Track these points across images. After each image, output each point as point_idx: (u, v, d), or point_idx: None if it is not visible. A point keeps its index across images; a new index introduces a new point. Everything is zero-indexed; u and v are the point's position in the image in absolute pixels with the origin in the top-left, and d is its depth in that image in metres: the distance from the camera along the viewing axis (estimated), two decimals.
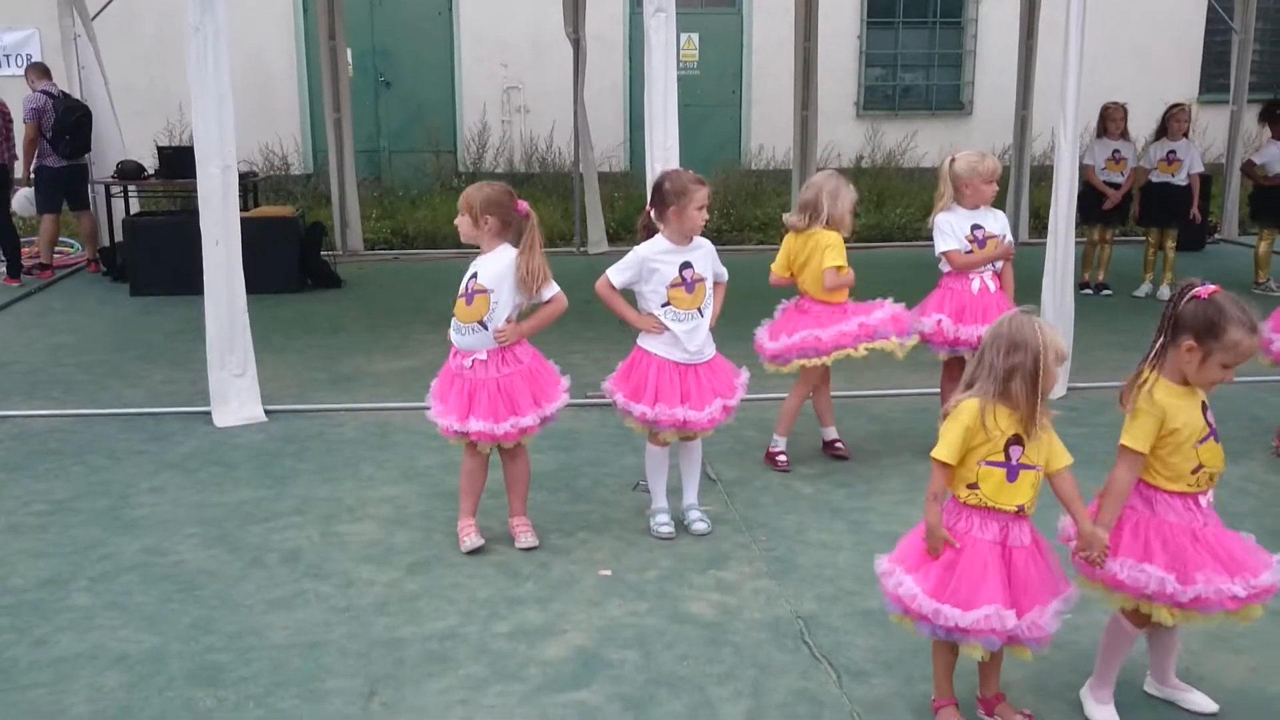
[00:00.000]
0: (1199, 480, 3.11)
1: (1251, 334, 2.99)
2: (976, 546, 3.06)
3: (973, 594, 3.01)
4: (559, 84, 12.95)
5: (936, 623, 3.04)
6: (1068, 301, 6.50)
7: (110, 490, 5.11)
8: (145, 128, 12.97)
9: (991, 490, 3.05)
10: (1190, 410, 3.08)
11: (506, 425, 4.32)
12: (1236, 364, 3.02)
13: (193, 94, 5.80)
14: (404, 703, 3.40)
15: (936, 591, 3.04)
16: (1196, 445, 3.08)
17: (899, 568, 3.15)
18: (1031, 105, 11.71)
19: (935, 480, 3.08)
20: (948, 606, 3.02)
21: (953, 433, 3.04)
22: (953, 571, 3.05)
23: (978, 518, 3.08)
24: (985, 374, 3.04)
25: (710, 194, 4.50)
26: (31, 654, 3.68)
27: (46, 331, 8.26)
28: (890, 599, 3.16)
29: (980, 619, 2.99)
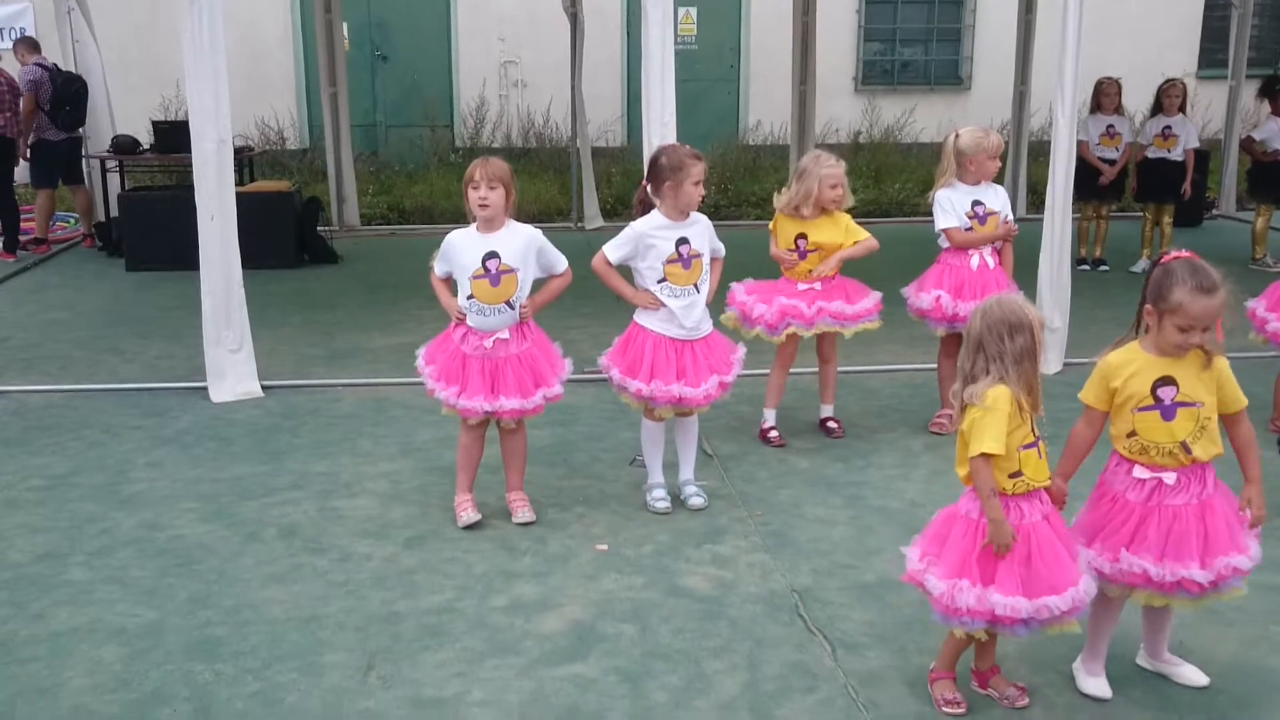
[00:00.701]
0: (1131, 448, 3.13)
1: (1201, 295, 2.97)
2: (1037, 531, 3.06)
3: (1058, 576, 3.02)
4: (556, 58, 12.89)
5: (1038, 618, 3.01)
6: (1065, 277, 6.51)
7: (107, 465, 5.12)
8: (140, 102, 12.91)
9: (1032, 472, 3.07)
10: (1136, 374, 3.09)
11: (537, 398, 4.34)
12: (1192, 326, 3.00)
13: (188, 68, 5.77)
14: (401, 676, 3.42)
15: (1029, 590, 3.01)
16: (1134, 411, 3.10)
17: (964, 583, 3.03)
18: (1030, 80, 11.67)
19: (986, 476, 3.01)
20: (1050, 598, 3.00)
21: (996, 423, 2.98)
22: (1031, 564, 3.02)
23: (1025, 504, 3.07)
24: (996, 361, 3.02)
25: (707, 169, 4.48)
26: (29, 628, 3.69)
27: (42, 307, 8.25)
28: (968, 615, 3.03)
29: (1078, 596, 3.02)
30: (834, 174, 5.12)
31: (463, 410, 4.33)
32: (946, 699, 3.22)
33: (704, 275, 4.52)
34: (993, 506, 3.02)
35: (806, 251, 5.19)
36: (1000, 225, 5.35)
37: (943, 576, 3.08)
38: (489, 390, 4.30)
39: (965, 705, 3.20)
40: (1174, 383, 3.08)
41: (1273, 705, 3.26)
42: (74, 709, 3.25)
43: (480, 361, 4.32)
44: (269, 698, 3.30)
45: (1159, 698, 3.29)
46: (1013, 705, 3.23)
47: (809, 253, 5.18)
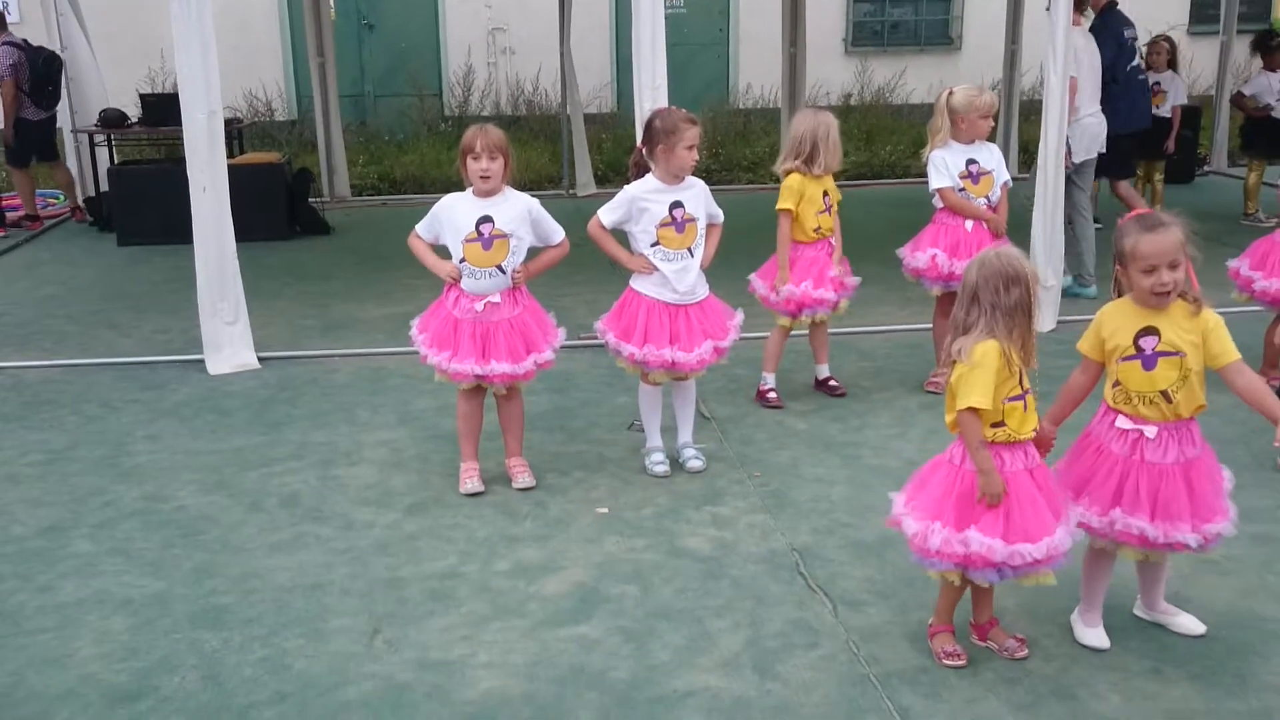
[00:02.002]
0: (1116, 397, 3.18)
1: (1147, 233, 3.04)
2: (1017, 480, 3.10)
3: (1036, 525, 3.06)
4: (545, 25, 12.82)
5: (1011, 564, 3.05)
6: (1057, 235, 6.52)
7: (107, 439, 5.13)
8: (127, 75, 12.81)
9: (1016, 423, 3.10)
10: (1122, 326, 3.15)
11: (528, 363, 4.37)
12: (1154, 266, 3.04)
13: (176, 40, 5.73)
14: (407, 640, 3.45)
15: (1006, 534, 3.05)
16: (1119, 360, 3.15)
17: (936, 524, 3.09)
18: (1021, 39, 11.63)
19: (974, 429, 3.06)
20: (1021, 545, 3.04)
21: (984, 378, 3.02)
22: (1009, 512, 3.07)
23: (1006, 453, 3.11)
24: (989, 313, 3.05)
25: (701, 133, 4.48)
26: (37, 600, 3.72)
27: (35, 283, 8.23)
28: (938, 558, 3.09)
29: (1053, 545, 3.05)
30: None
31: (453, 374, 4.35)
32: (946, 651, 3.26)
33: (698, 239, 4.52)
34: (983, 458, 3.07)
35: (830, 207, 5.28)
36: (997, 188, 5.34)
37: (919, 518, 3.16)
38: (480, 354, 4.32)
39: (965, 657, 3.25)
40: (1156, 333, 3.12)
41: (1268, 653, 3.31)
42: (83, 678, 3.27)
43: (472, 325, 4.33)
44: (276, 663, 3.34)
45: (1156, 647, 3.34)
46: (1012, 656, 3.27)
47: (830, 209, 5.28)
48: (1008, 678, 3.20)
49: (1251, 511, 3.93)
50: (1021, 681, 3.19)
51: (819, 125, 5.19)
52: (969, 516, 3.09)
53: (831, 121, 5.23)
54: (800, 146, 5.17)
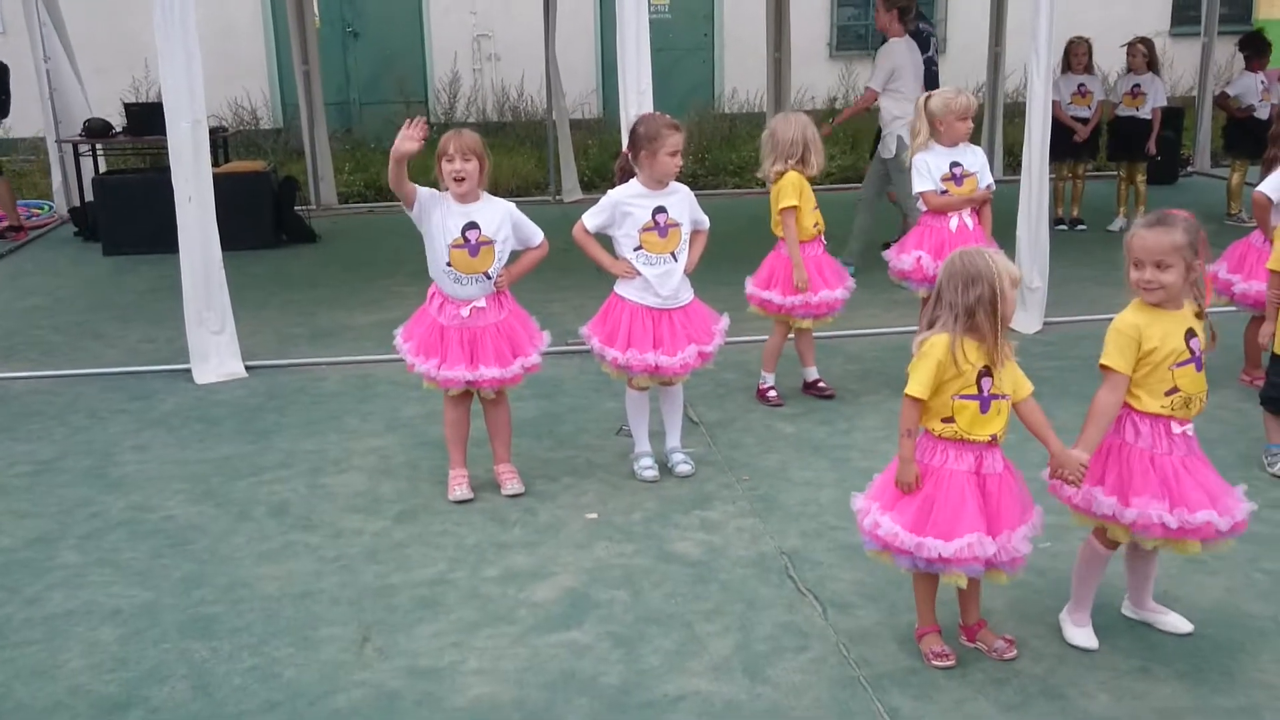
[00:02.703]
0: (1173, 404, 3.15)
1: (1142, 229, 3.10)
2: (953, 478, 3.12)
3: (952, 524, 3.08)
4: (530, 31, 12.84)
5: (919, 555, 3.10)
6: (1043, 237, 6.55)
7: (94, 449, 5.12)
8: (110, 84, 12.79)
9: (966, 423, 3.11)
10: (1168, 331, 3.12)
11: (515, 367, 4.37)
12: (1140, 260, 3.10)
13: (159, 49, 5.72)
14: (397, 647, 3.45)
15: (916, 526, 3.10)
16: (1173, 368, 3.13)
17: (875, 505, 3.21)
18: (1004, 42, 11.68)
19: (908, 416, 3.13)
20: (930, 539, 3.08)
21: (924, 369, 3.09)
22: (931, 505, 3.11)
23: (953, 450, 3.14)
24: (947, 311, 3.08)
25: (685, 139, 4.49)
26: (24, 612, 3.70)
27: (19, 294, 8.20)
28: (868, 536, 3.21)
29: (963, 547, 3.05)
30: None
31: (443, 381, 4.35)
32: (935, 652, 3.27)
33: (682, 244, 4.53)
34: (904, 445, 3.13)
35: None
36: (979, 190, 5.37)
37: (866, 497, 3.26)
38: (468, 360, 4.32)
39: (954, 657, 3.26)
40: (1196, 333, 3.15)
41: (1256, 650, 3.33)
42: (72, 689, 3.26)
43: (458, 332, 4.33)
44: (266, 672, 3.33)
45: (1144, 646, 3.35)
46: (1001, 657, 3.28)
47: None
48: (997, 678, 3.21)
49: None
50: (1010, 682, 3.20)
51: (806, 126, 5.24)
52: (893, 502, 3.17)
53: (811, 123, 5.28)
54: (792, 149, 5.20)
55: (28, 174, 12.60)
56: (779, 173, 5.23)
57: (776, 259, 5.36)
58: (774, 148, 5.27)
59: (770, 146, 5.28)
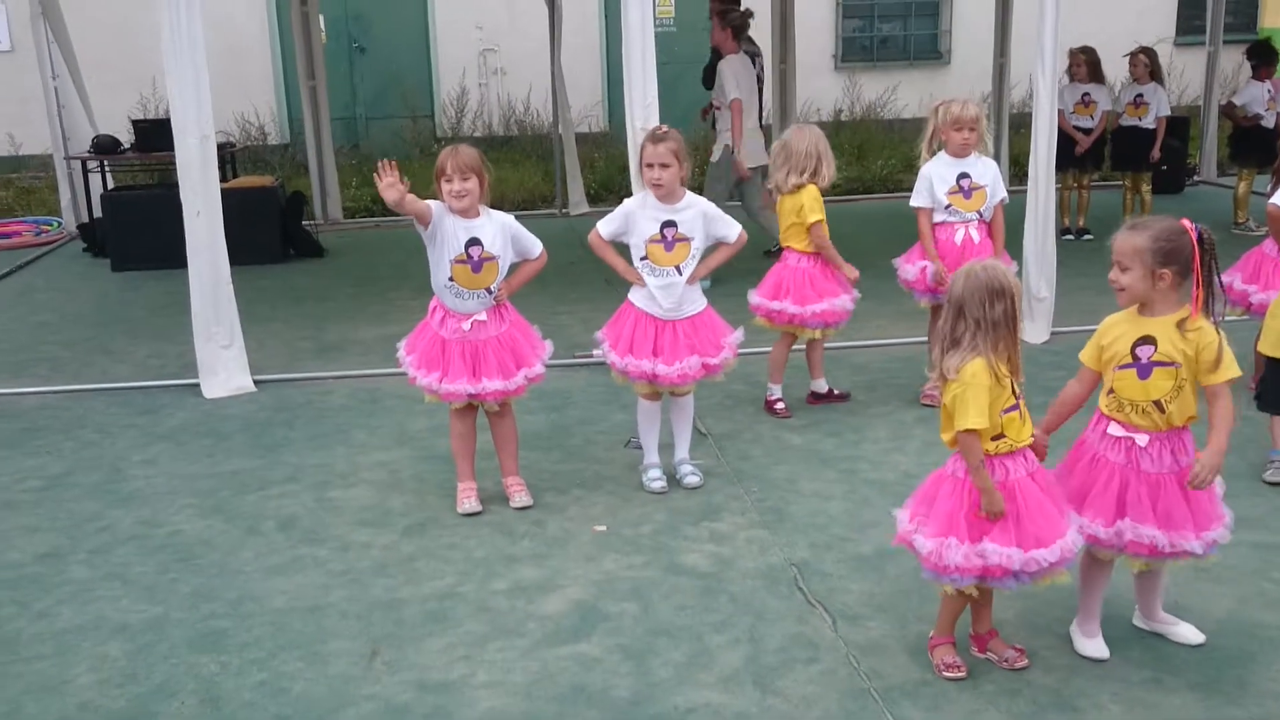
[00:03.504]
0: (1109, 405, 3.21)
1: (1123, 231, 3.16)
2: (1023, 486, 3.11)
3: (1045, 530, 3.08)
4: (535, 45, 12.87)
5: (1028, 570, 3.05)
6: (1049, 247, 6.54)
7: (103, 464, 5.12)
8: (118, 101, 12.84)
9: (1015, 433, 3.12)
10: (1123, 333, 3.17)
11: (519, 379, 4.38)
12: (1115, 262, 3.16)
13: (167, 65, 5.74)
14: (406, 661, 3.45)
15: (1020, 542, 3.06)
16: (1116, 369, 3.17)
17: (954, 539, 3.08)
18: (1009, 53, 11.69)
19: (974, 450, 3.06)
20: (1038, 551, 3.05)
21: (980, 398, 3.03)
22: (1019, 520, 3.08)
23: (1009, 462, 3.13)
24: (974, 327, 3.06)
25: (668, 150, 4.38)
26: (34, 626, 3.70)
27: (29, 309, 8.23)
28: (962, 573, 3.08)
29: (1065, 547, 3.07)
30: None
31: (446, 395, 4.35)
32: (946, 663, 3.26)
33: (689, 259, 4.51)
34: (982, 478, 3.07)
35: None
36: (989, 202, 5.34)
37: (931, 535, 3.13)
38: (471, 373, 4.32)
39: (965, 669, 3.25)
40: (1153, 342, 3.13)
41: (1268, 660, 3.31)
42: (81, 705, 3.26)
43: (460, 345, 4.34)
44: (275, 687, 3.33)
45: (1156, 656, 3.34)
46: (1012, 667, 3.27)
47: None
48: (1008, 689, 3.20)
49: (1247, 520, 3.94)
50: (1022, 693, 3.18)
51: (820, 139, 5.29)
52: (981, 529, 3.09)
53: (824, 135, 5.32)
54: (806, 162, 5.22)
55: (36, 190, 12.66)
56: (797, 185, 5.24)
57: (784, 270, 5.36)
58: (788, 159, 5.26)
59: (784, 158, 5.28)
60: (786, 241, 5.38)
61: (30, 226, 11.14)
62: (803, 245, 5.32)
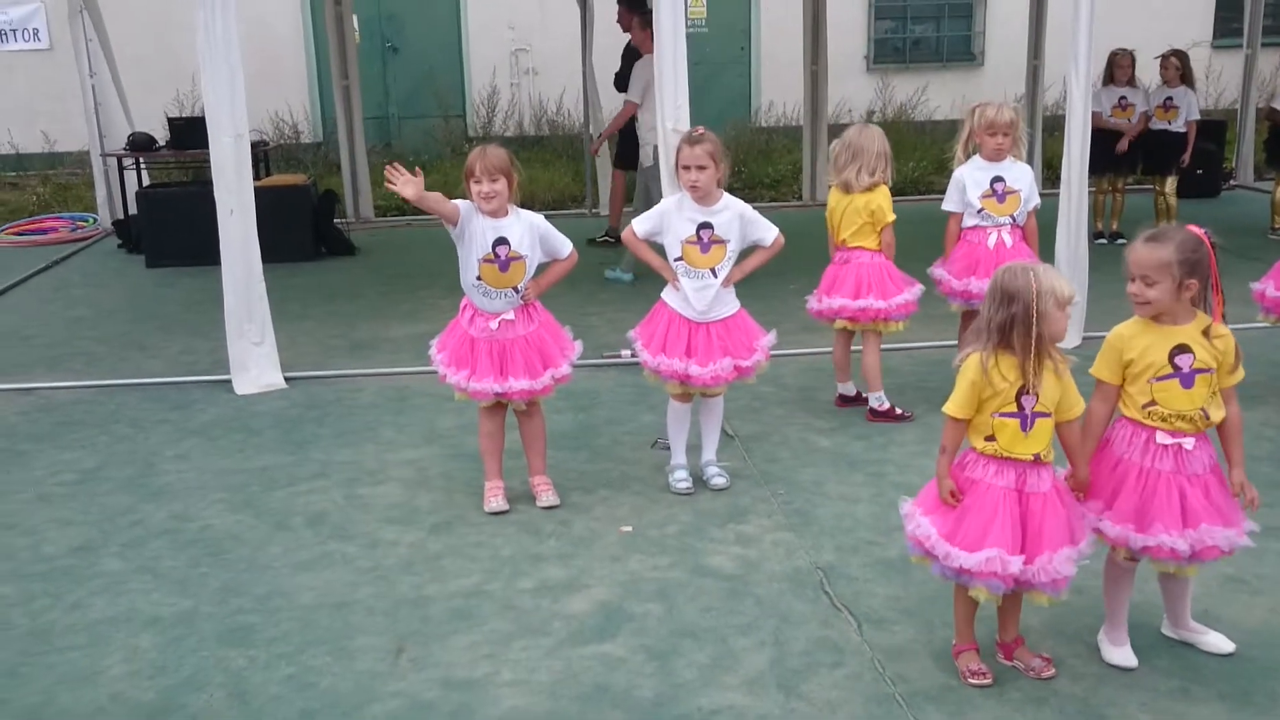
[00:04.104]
0: (1150, 415, 3.15)
1: (1141, 241, 3.10)
2: (989, 492, 3.11)
3: (979, 537, 3.07)
4: (567, 45, 12.89)
5: (945, 564, 3.11)
6: (1082, 251, 6.50)
7: (135, 459, 5.18)
8: (155, 99, 12.97)
9: (1008, 441, 3.09)
10: (1151, 344, 3.12)
11: (545, 379, 4.39)
12: (1131, 274, 3.11)
13: (203, 64, 5.80)
14: (431, 658, 3.47)
15: (949, 534, 3.11)
16: (1151, 382, 3.12)
17: (918, 510, 3.23)
18: (1043, 55, 11.61)
19: (946, 434, 3.17)
20: (955, 548, 3.08)
21: (959, 389, 3.12)
22: (964, 515, 3.12)
23: (994, 465, 3.13)
24: (985, 325, 3.10)
25: (704, 152, 4.37)
26: (67, 618, 3.75)
27: (65, 305, 8.33)
28: (910, 540, 3.24)
29: (983, 561, 3.05)
30: None
31: (473, 393, 4.37)
32: (972, 670, 3.25)
33: (725, 262, 4.51)
34: (940, 462, 3.17)
35: None
36: (1022, 208, 5.32)
37: (912, 503, 3.27)
38: (498, 372, 4.35)
39: (991, 676, 3.23)
40: (1190, 350, 3.10)
41: None
42: (113, 696, 3.30)
43: (488, 344, 4.36)
44: (302, 681, 3.35)
45: (1184, 666, 3.31)
46: (1038, 675, 3.25)
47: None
48: (1034, 697, 3.18)
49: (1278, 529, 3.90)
50: (1048, 701, 3.16)
51: (885, 140, 5.28)
52: (938, 511, 3.19)
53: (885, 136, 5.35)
54: (878, 162, 5.21)
55: (73, 187, 12.81)
56: (869, 185, 5.22)
57: (861, 268, 5.29)
58: (856, 158, 5.21)
59: (851, 156, 5.22)
60: (855, 241, 5.30)
61: (66, 223, 11.28)
62: (874, 244, 5.29)
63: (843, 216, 5.30)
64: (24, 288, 8.97)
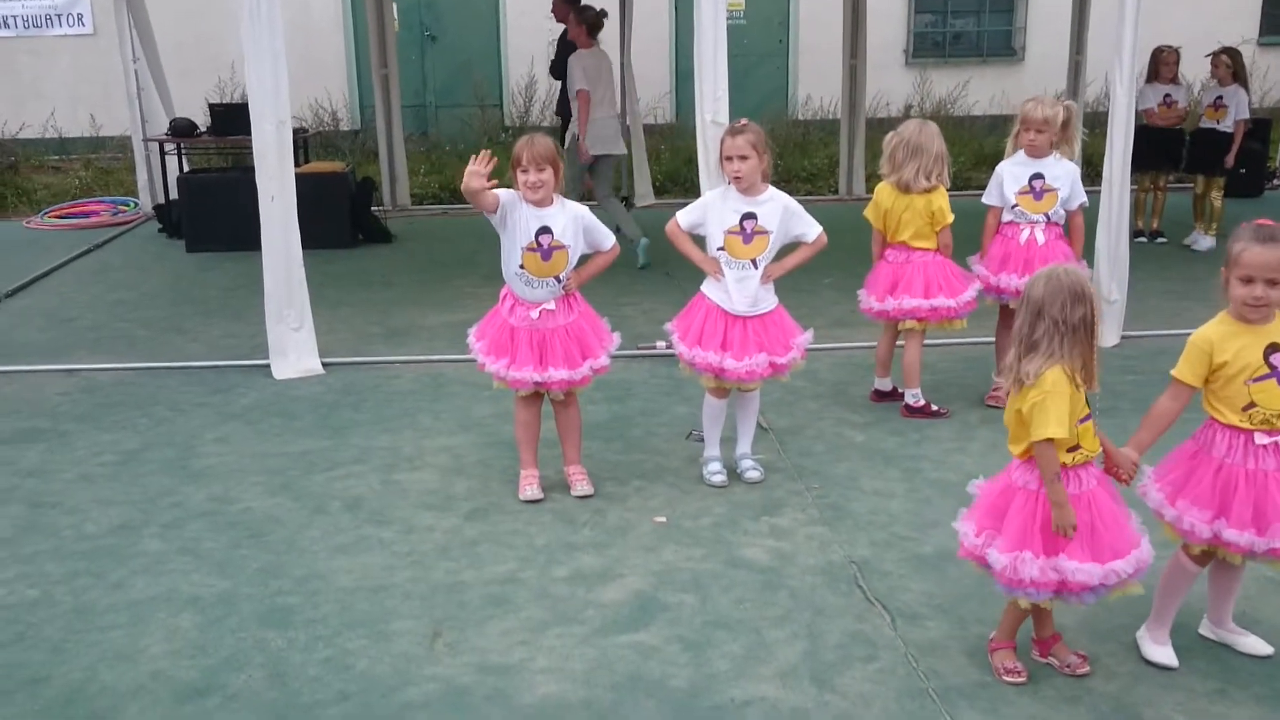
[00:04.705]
0: (1251, 418, 3.10)
1: (1256, 244, 3.00)
2: (1096, 498, 3.08)
3: (1120, 542, 3.05)
4: (605, 36, 12.86)
5: (1107, 584, 3.02)
6: (1122, 250, 6.45)
7: (176, 441, 5.25)
8: (196, 85, 13.10)
9: (1090, 443, 3.08)
10: (1245, 346, 3.07)
11: (584, 369, 4.41)
12: (1252, 278, 3.01)
13: (246, 51, 5.85)
14: (467, 643, 3.50)
15: (1097, 556, 3.03)
16: (1249, 383, 3.08)
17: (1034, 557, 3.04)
18: (1086, 50, 11.49)
19: (1050, 461, 3.01)
20: (1117, 562, 3.02)
21: (1059, 406, 2.97)
22: (1095, 532, 3.05)
23: (1083, 473, 3.09)
24: (1053, 331, 3.00)
25: (746, 142, 4.40)
26: (109, 597, 3.81)
27: (107, 288, 8.43)
28: (1038, 587, 3.05)
29: (1139, 559, 3.05)
30: None
31: (512, 382, 4.40)
32: (1007, 668, 3.24)
33: (766, 253, 4.51)
34: (1056, 490, 3.01)
35: None
36: (1057, 207, 5.26)
37: (1005, 549, 3.08)
38: (538, 362, 4.37)
39: (1026, 674, 3.22)
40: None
41: None
42: (154, 674, 3.35)
43: (529, 333, 4.39)
44: (340, 663, 3.39)
45: (1222, 667, 3.29)
46: (1074, 673, 3.24)
47: None
48: (1069, 695, 3.17)
49: None
50: (1083, 699, 3.15)
51: (941, 139, 5.26)
52: (1057, 543, 3.04)
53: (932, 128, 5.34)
54: (937, 164, 5.19)
55: (115, 171, 12.97)
56: (927, 187, 5.18)
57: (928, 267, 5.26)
58: (915, 156, 5.17)
59: (909, 154, 5.18)
60: (913, 241, 5.26)
61: (108, 206, 11.42)
62: (933, 244, 5.27)
63: (901, 217, 5.26)
64: (66, 270, 9.09)
